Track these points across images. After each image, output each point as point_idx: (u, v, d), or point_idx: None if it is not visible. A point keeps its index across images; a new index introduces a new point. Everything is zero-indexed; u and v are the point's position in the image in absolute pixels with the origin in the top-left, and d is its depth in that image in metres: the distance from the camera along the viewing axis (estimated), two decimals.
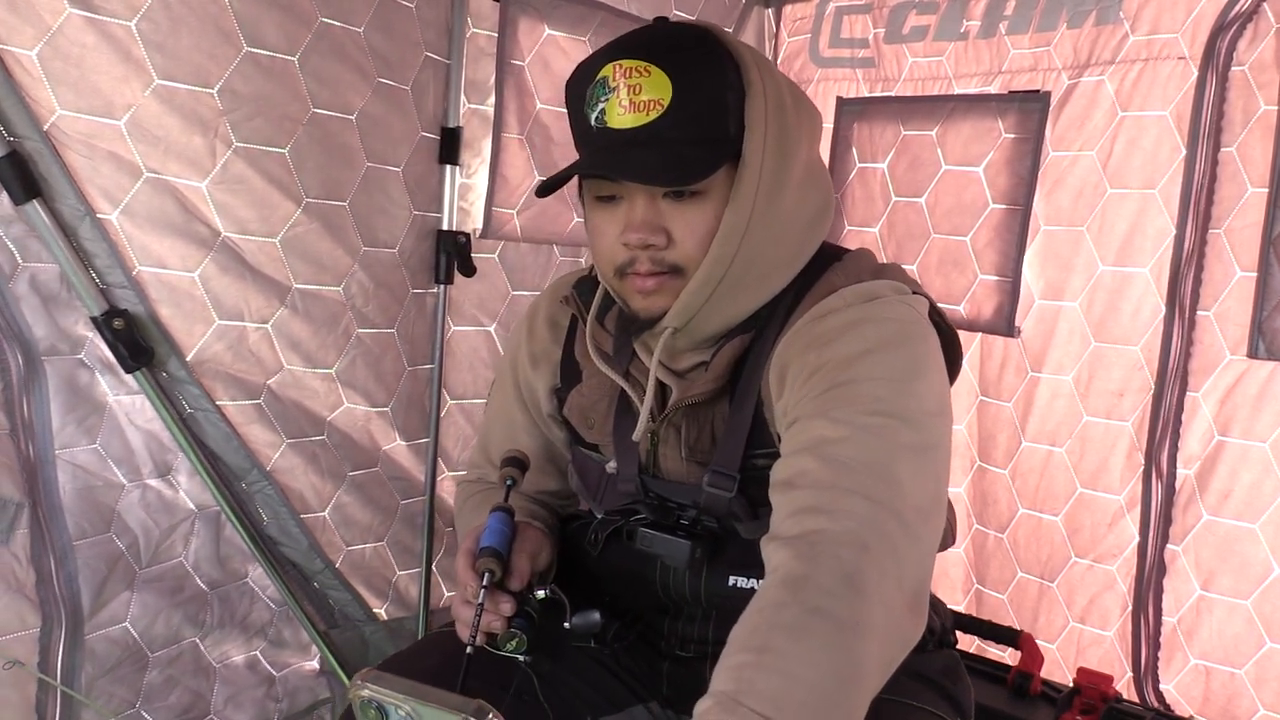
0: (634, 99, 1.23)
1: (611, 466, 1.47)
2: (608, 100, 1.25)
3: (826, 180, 1.43)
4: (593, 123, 1.27)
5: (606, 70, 1.25)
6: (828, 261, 1.38)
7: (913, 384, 1.23)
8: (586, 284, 1.54)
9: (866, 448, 1.15)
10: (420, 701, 0.74)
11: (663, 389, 1.41)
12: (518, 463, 1.43)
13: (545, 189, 1.32)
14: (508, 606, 1.29)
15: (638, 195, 1.28)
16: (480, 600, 1.25)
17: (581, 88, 1.29)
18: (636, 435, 1.38)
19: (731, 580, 1.41)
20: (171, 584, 2.14)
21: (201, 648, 2.23)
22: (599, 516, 1.54)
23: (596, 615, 1.40)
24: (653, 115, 1.23)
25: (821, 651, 1.03)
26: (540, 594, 1.36)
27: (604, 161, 1.28)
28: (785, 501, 1.16)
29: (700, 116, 1.25)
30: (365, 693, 0.76)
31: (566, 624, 1.39)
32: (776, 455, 1.24)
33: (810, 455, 1.17)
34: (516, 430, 1.65)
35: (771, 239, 1.32)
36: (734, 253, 1.29)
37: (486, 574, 1.27)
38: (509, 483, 1.40)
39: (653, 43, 1.27)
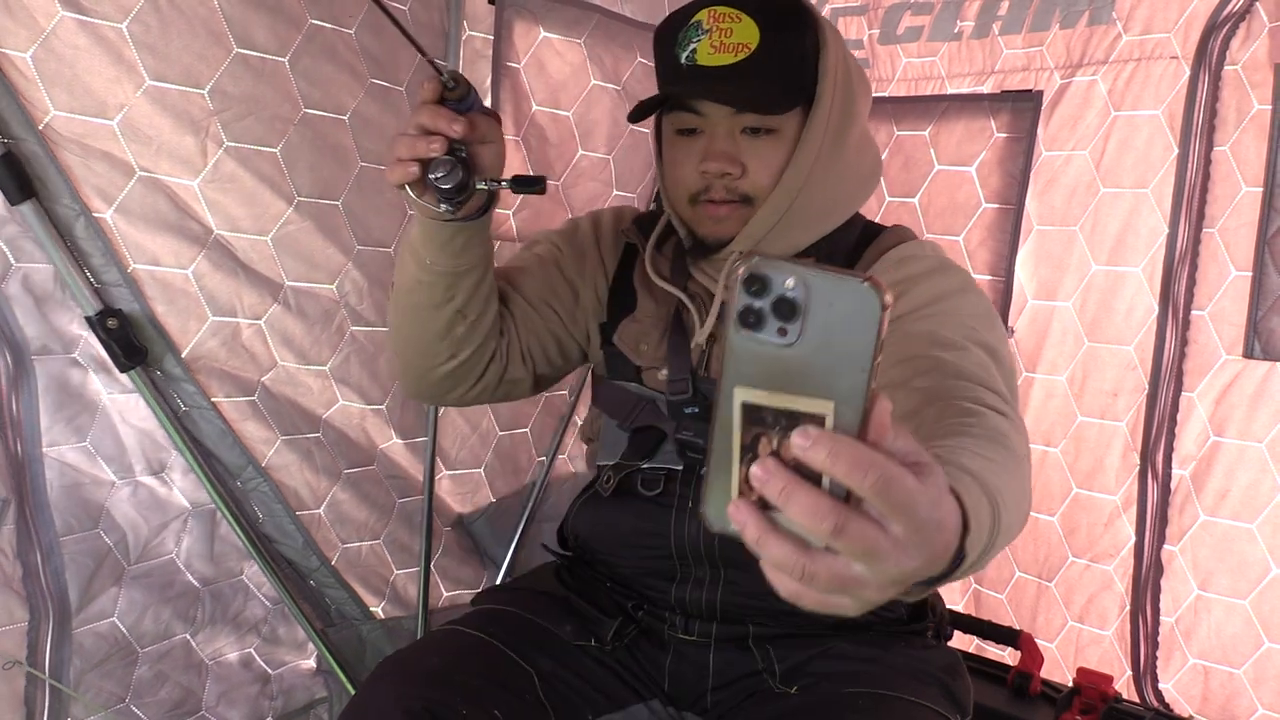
0: (724, 40, 1.39)
1: (663, 375, 1.55)
2: (700, 40, 1.40)
3: (876, 149, 1.61)
4: (683, 60, 1.42)
5: (701, 15, 1.41)
6: (877, 228, 1.57)
7: (995, 322, 1.39)
8: (644, 219, 1.69)
9: (1014, 389, 1.28)
10: (812, 270, 0.62)
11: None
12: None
13: (636, 115, 1.48)
14: (459, 127, 1.25)
15: (718, 128, 1.44)
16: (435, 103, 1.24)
17: (673, 30, 1.44)
18: (700, 337, 1.51)
19: None
20: (161, 580, 2.15)
21: (193, 644, 2.24)
22: (609, 466, 1.61)
23: (542, 184, 1.37)
24: (740, 56, 1.39)
25: (1020, 483, 1.04)
26: (481, 185, 1.30)
27: (695, 91, 1.42)
28: (962, 370, 1.19)
29: (781, 62, 1.41)
30: (754, 263, 0.63)
31: (486, 182, 1.32)
32: None
33: (938, 349, 1.23)
34: (529, 263, 1.69)
35: (832, 181, 1.49)
36: (799, 187, 1.45)
37: (451, 84, 1.24)
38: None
39: None
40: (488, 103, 2.44)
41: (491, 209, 1.40)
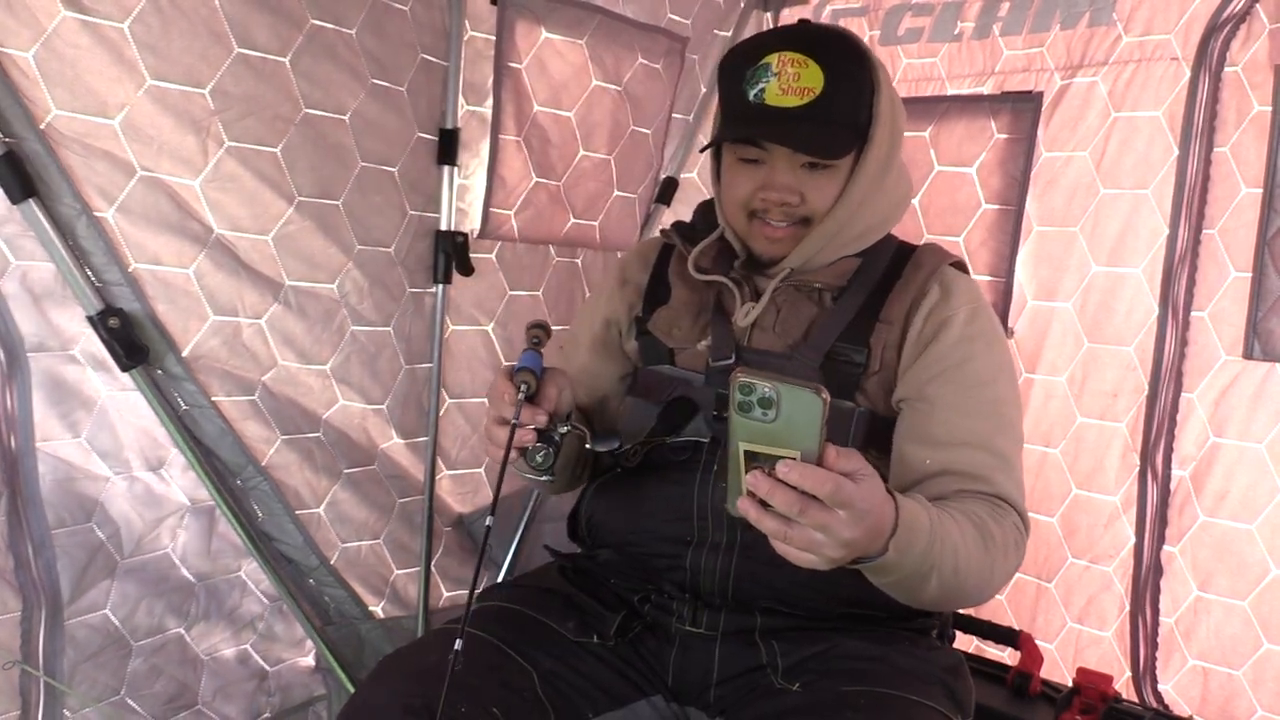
0: (792, 84, 1.49)
1: (704, 344, 1.66)
2: (769, 82, 1.50)
3: (909, 174, 1.77)
4: (751, 98, 1.52)
5: (770, 58, 1.51)
6: (909, 248, 1.71)
7: (1015, 402, 1.62)
8: (681, 226, 1.80)
9: (1017, 471, 1.54)
10: (779, 381, 1.04)
11: (756, 293, 1.66)
12: (543, 327, 1.54)
13: (713, 144, 1.65)
14: (542, 418, 1.40)
15: (780, 161, 1.55)
16: (518, 412, 1.38)
17: (742, 68, 1.54)
18: (746, 320, 1.63)
19: None
20: (155, 575, 2.16)
21: (188, 639, 2.24)
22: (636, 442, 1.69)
23: (617, 440, 1.59)
24: (806, 100, 1.49)
25: (978, 553, 1.37)
26: (563, 429, 1.44)
27: (767, 131, 1.53)
28: (965, 475, 1.49)
29: (843, 105, 1.52)
30: (743, 377, 1.05)
31: (588, 445, 1.52)
32: (860, 349, 1.58)
33: (988, 455, 1.51)
34: (580, 372, 1.82)
35: (876, 207, 1.63)
36: (850, 215, 1.59)
37: (523, 386, 1.39)
38: (534, 341, 1.52)
39: (811, 39, 1.53)
40: (489, 103, 2.45)
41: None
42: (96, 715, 2.09)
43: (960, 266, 1.70)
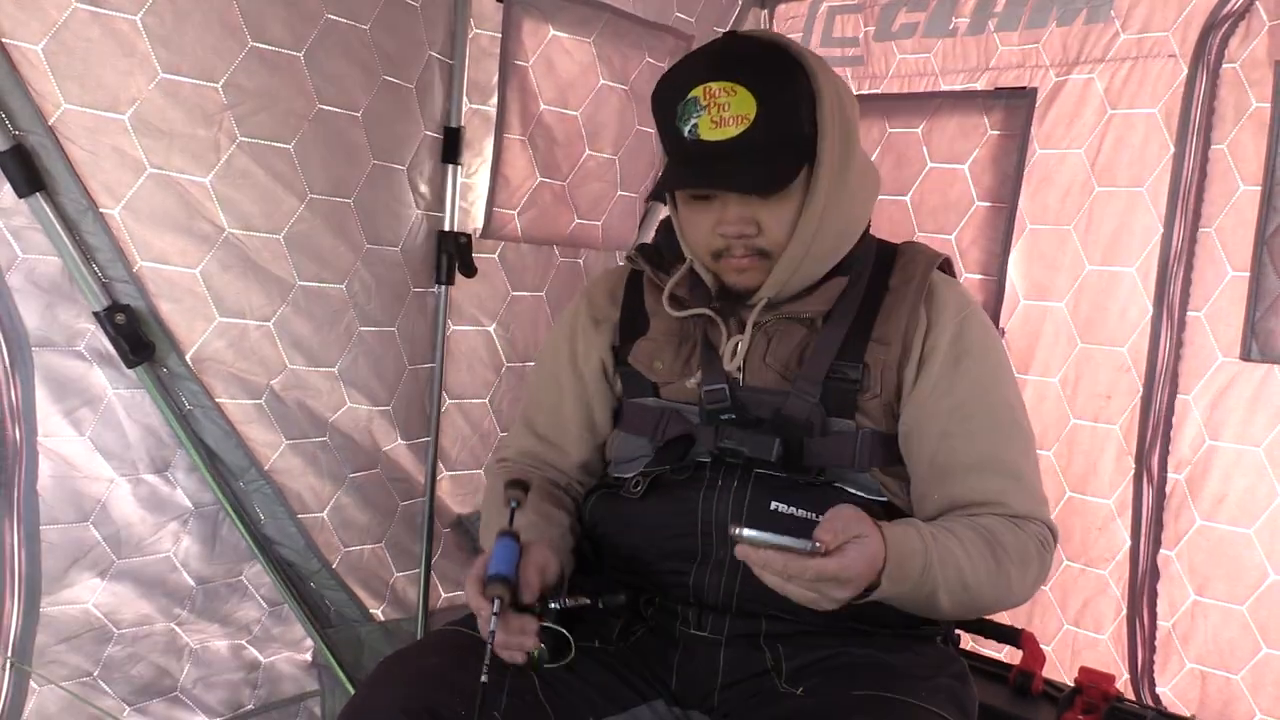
0: (723, 115, 1.45)
1: (692, 382, 1.63)
2: (699, 117, 1.46)
3: (873, 165, 1.73)
4: (686, 134, 1.48)
5: (696, 91, 1.46)
6: (890, 249, 1.69)
7: (1024, 407, 1.64)
8: (646, 249, 1.77)
9: (1034, 495, 1.60)
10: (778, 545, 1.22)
11: (741, 322, 1.62)
12: (521, 485, 1.51)
13: (655, 197, 1.69)
14: (531, 628, 1.40)
15: (729, 196, 1.51)
16: (492, 629, 1.34)
17: (671, 104, 1.50)
18: (732, 362, 1.60)
19: (774, 505, 1.48)
20: (152, 577, 2.14)
21: (178, 630, 2.22)
22: (637, 473, 1.65)
23: (622, 596, 1.54)
24: (741, 128, 1.44)
25: (985, 563, 1.43)
26: (554, 605, 1.44)
27: (703, 173, 1.50)
28: (975, 504, 1.52)
29: (780, 125, 1.47)
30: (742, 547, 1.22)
31: (600, 604, 1.51)
32: (856, 365, 1.55)
33: (996, 477, 1.55)
34: (564, 396, 1.78)
35: (841, 218, 1.58)
36: (814, 233, 1.53)
37: (496, 601, 1.35)
38: (513, 505, 1.48)
39: (736, 62, 1.49)
40: (493, 101, 2.44)
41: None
42: (67, 695, 2.06)
43: (945, 266, 1.70)
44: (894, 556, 1.31)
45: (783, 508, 1.48)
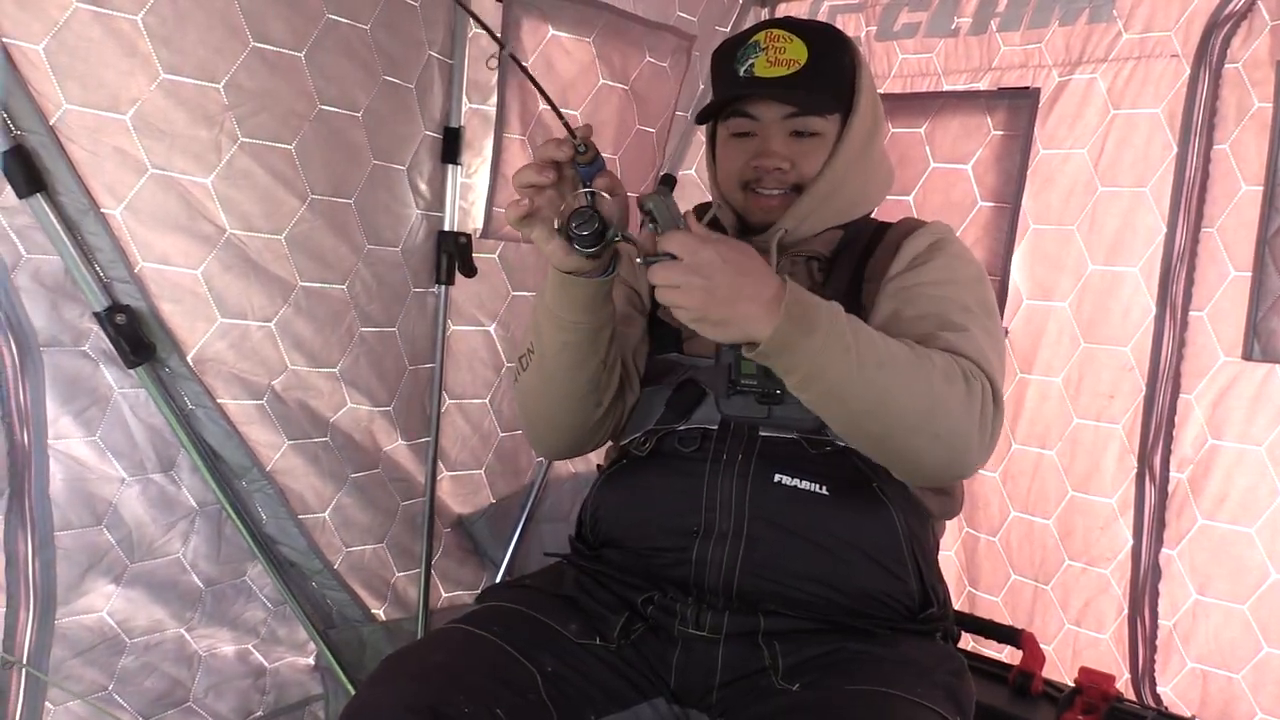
0: (779, 57, 1.65)
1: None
2: (757, 57, 1.66)
3: (891, 163, 1.90)
4: (741, 73, 1.67)
5: (759, 36, 1.68)
6: (887, 223, 1.80)
7: (994, 315, 1.66)
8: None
9: (975, 336, 1.55)
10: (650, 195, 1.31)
11: None
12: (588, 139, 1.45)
13: (703, 117, 1.80)
14: (604, 181, 1.38)
15: (770, 130, 1.70)
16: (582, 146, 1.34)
17: (733, 51, 1.70)
18: None
19: (777, 477, 1.58)
20: (164, 579, 2.14)
21: (187, 637, 2.22)
22: (644, 430, 1.70)
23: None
24: (792, 69, 1.65)
25: (908, 367, 1.43)
26: (616, 237, 1.38)
27: (758, 95, 1.68)
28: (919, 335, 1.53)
29: (825, 77, 1.67)
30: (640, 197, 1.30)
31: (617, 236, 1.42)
32: (859, 311, 1.58)
33: (938, 328, 1.55)
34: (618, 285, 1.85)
35: (863, 176, 1.77)
36: (841, 178, 1.72)
37: (581, 145, 1.34)
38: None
39: (797, 23, 1.71)
40: (493, 101, 2.44)
41: (618, 265, 1.51)
42: (82, 711, 2.06)
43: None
44: (794, 291, 1.35)
45: (786, 479, 1.57)
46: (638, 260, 1.36)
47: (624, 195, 1.42)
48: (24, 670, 1.96)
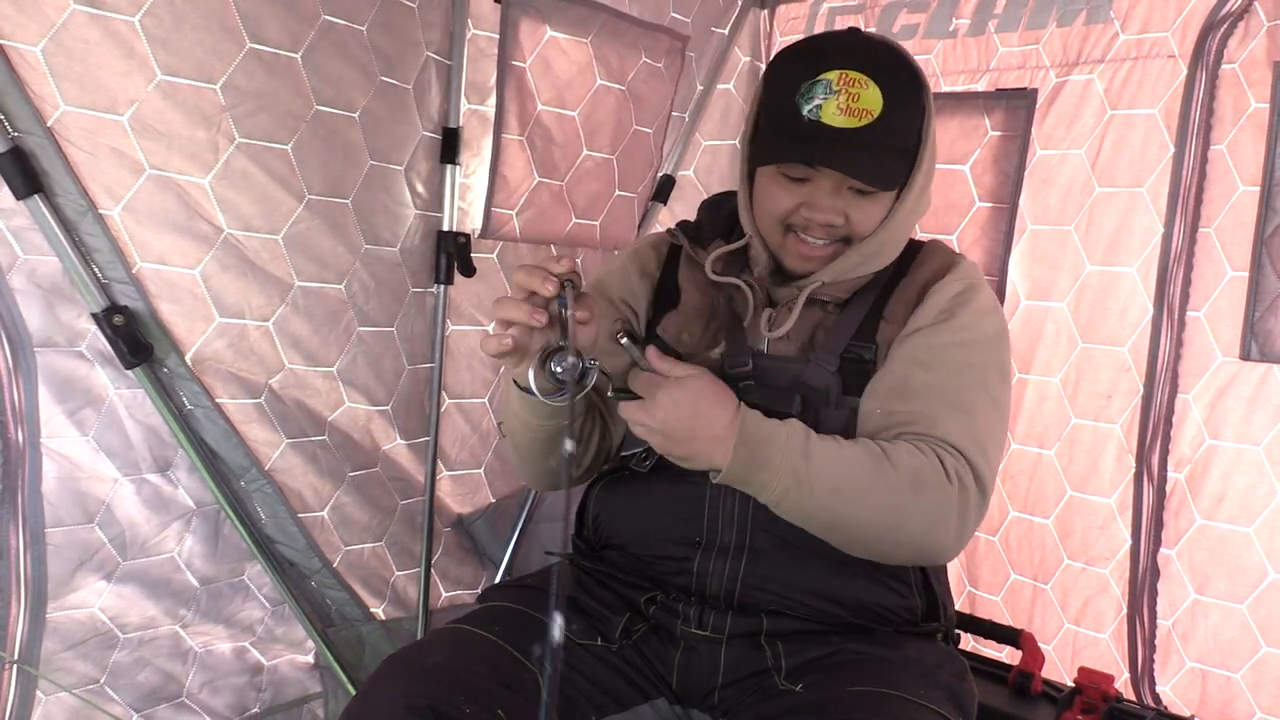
0: (852, 105, 1.47)
1: (716, 352, 1.64)
2: (827, 99, 1.47)
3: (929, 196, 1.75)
4: (805, 113, 1.48)
5: (830, 74, 1.48)
6: (916, 244, 1.72)
7: (1005, 384, 1.61)
8: (686, 225, 1.80)
9: (978, 423, 1.52)
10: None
11: (769, 299, 1.66)
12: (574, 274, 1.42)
13: (763, 161, 1.59)
14: (585, 314, 1.36)
15: (827, 183, 1.52)
16: (570, 284, 1.32)
17: (796, 80, 1.50)
18: (777, 332, 1.61)
19: None
20: (157, 578, 2.14)
21: (183, 634, 2.22)
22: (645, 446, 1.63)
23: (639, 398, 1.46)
24: (864, 121, 1.47)
25: (869, 480, 1.42)
26: (591, 361, 1.35)
27: (824, 154, 1.49)
28: (907, 422, 1.50)
29: (900, 129, 1.52)
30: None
31: (610, 394, 1.46)
32: (869, 346, 1.58)
33: (942, 406, 1.52)
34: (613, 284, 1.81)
35: (909, 226, 1.65)
36: (891, 235, 1.60)
37: (568, 283, 1.32)
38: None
39: (873, 58, 1.51)
40: (491, 101, 2.44)
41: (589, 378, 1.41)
42: (75, 702, 2.06)
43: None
44: (746, 427, 1.40)
45: None
46: (609, 394, 1.45)
47: (595, 314, 1.39)
48: (14, 663, 1.97)
